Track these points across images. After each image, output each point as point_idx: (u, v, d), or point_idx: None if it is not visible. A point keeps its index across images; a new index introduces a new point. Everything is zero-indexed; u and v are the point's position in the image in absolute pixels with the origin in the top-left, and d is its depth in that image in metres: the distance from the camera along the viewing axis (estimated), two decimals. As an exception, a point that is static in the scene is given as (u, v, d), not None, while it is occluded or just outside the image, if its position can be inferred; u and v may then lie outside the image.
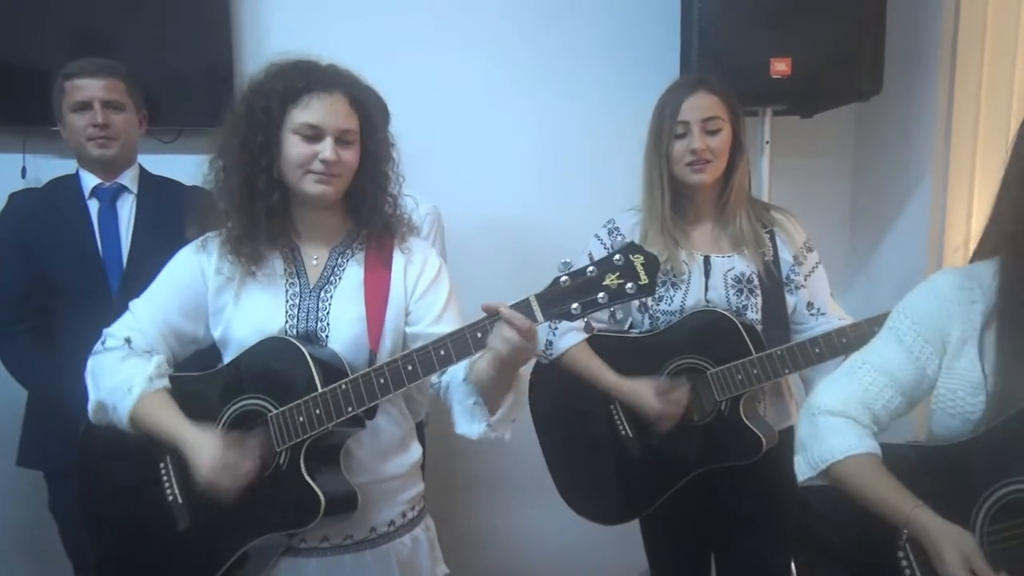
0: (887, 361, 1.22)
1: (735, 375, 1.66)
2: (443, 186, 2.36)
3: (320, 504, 1.26)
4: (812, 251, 1.81)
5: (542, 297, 1.19)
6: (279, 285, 1.40)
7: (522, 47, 2.57)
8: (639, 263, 1.14)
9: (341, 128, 1.34)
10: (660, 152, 1.75)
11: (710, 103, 1.73)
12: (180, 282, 1.44)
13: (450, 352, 1.24)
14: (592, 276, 1.15)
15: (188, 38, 2.34)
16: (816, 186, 2.62)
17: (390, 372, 1.27)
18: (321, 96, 1.33)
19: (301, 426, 1.29)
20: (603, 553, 2.54)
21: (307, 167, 1.34)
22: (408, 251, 1.45)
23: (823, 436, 1.22)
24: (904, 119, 2.41)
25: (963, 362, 1.16)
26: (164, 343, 1.44)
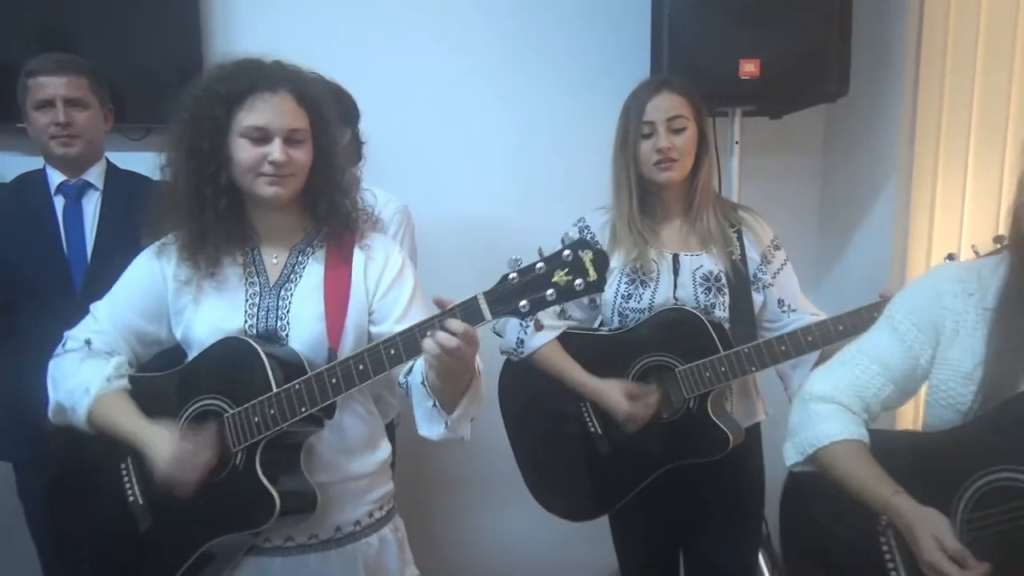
0: (881, 350, 1.24)
1: (703, 372, 1.68)
2: (414, 184, 2.36)
3: (275, 504, 1.25)
4: (779, 249, 1.84)
5: (490, 295, 1.17)
6: (239, 285, 1.39)
7: (494, 46, 2.57)
8: (588, 259, 1.13)
9: (289, 128, 1.32)
10: (627, 152, 1.77)
11: (674, 103, 1.75)
12: (140, 284, 1.43)
13: (400, 351, 1.23)
14: (541, 273, 1.14)
15: (157, 34, 2.31)
16: (786, 186, 2.65)
17: (341, 372, 1.26)
18: (266, 96, 1.31)
19: (256, 426, 1.28)
20: (574, 552, 2.55)
21: (257, 170, 1.32)
22: (369, 248, 1.44)
23: (813, 422, 1.23)
24: (871, 121, 2.44)
25: (956, 352, 1.18)
26: (125, 344, 1.43)
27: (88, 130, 1.95)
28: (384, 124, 2.34)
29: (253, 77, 1.32)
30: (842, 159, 2.62)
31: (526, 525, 2.52)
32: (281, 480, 1.29)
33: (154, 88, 2.27)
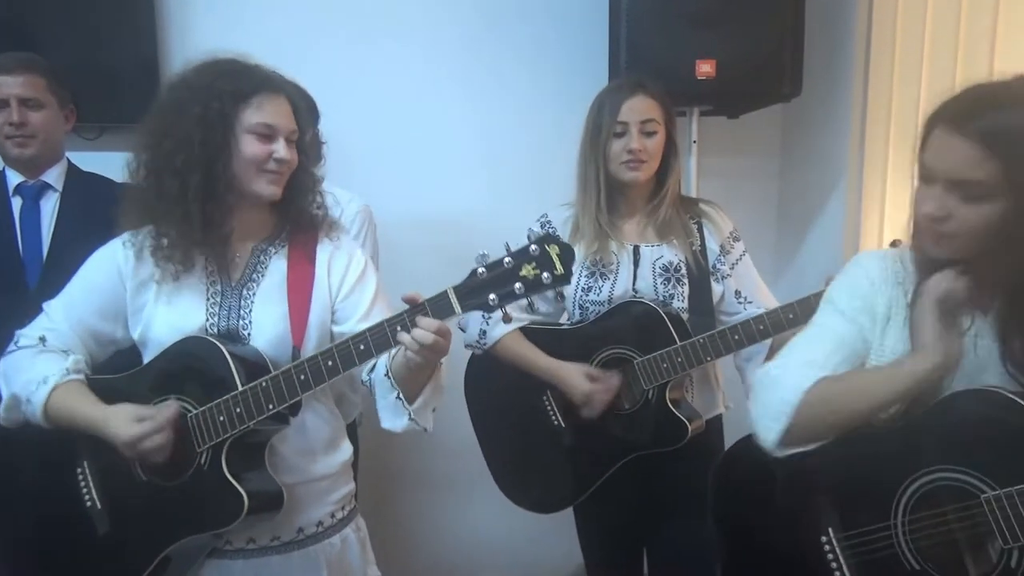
0: (829, 332, 1.25)
1: (660, 363, 1.71)
2: (378, 183, 2.37)
3: (243, 503, 1.25)
4: (738, 241, 1.88)
5: (460, 289, 1.20)
6: (200, 283, 1.39)
7: (457, 44, 2.59)
8: (555, 253, 1.15)
9: (291, 129, 1.37)
10: (597, 150, 1.80)
11: (648, 106, 1.78)
12: (96, 282, 1.41)
13: (370, 346, 1.24)
14: (509, 267, 1.16)
15: (112, 34, 2.29)
16: (744, 185, 2.70)
17: (310, 368, 1.26)
18: (271, 97, 1.35)
19: (222, 425, 1.28)
20: (540, 547, 2.57)
21: (262, 166, 1.34)
22: (332, 248, 1.45)
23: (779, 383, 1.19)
24: (825, 120, 2.51)
25: (889, 340, 1.20)
26: (81, 344, 1.41)
27: (44, 131, 1.91)
28: (347, 122, 2.35)
29: (257, 77, 1.35)
30: (798, 158, 2.69)
31: (491, 521, 2.53)
32: (247, 479, 1.29)
33: (109, 88, 2.25)
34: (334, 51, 2.50)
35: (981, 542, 1.06)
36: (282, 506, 1.32)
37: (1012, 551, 1.02)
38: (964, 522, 1.06)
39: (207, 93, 1.31)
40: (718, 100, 2.35)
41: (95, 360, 1.44)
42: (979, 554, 1.07)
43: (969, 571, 1.07)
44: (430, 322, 1.20)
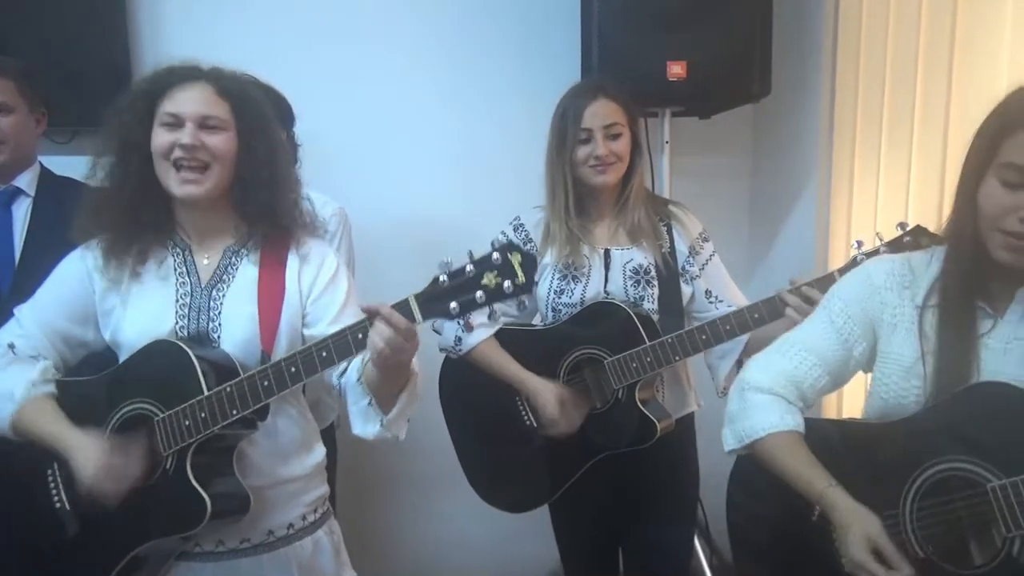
0: (817, 341, 1.27)
1: (630, 363, 1.73)
2: (354, 187, 2.37)
3: (206, 507, 1.25)
4: (708, 241, 1.90)
5: (421, 297, 1.20)
6: (169, 285, 1.39)
7: (431, 47, 2.60)
8: (516, 262, 1.15)
9: (202, 114, 1.33)
10: (564, 156, 1.81)
11: (610, 110, 1.80)
12: (66, 286, 1.41)
13: (332, 353, 1.24)
14: (470, 276, 1.16)
15: (83, 36, 2.28)
16: (716, 185, 2.73)
17: (274, 374, 1.27)
18: (184, 86, 1.34)
19: (187, 430, 1.28)
20: (518, 547, 2.58)
21: (170, 156, 1.32)
22: (304, 251, 1.44)
23: (750, 412, 1.26)
24: (794, 120, 2.54)
25: (895, 346, 1.22)
26: (52, 348, 1.41)
27: (14, 135, 1.89)
28: (322, 125, 2.35)
29: (174, 72, 1.36)
30: (769, 158, 2.72)
31: (468, 523, 2.55)
32: (213, 483, 1.29)
33: (81, 91, 2.23)
34: (308, 54, 2.50)
35: (986, 530, 1.08)
36: (248, 510, 1.32)
37: (1015, 539, 1.05)
38: (970, 510, 1.08)
39: (131, 98, 1.35)
40: (689, 101, 2.37)
41: (67, 363, 1.44)
42: (983, 542, 1.09)
43: (974, 558, 1.09)
44: (400, 320, 1.18)
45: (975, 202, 1.12)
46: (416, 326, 1.20)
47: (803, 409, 1.28)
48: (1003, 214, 1.08)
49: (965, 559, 1.10)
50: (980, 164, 1.11)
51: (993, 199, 1.09)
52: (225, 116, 1.36)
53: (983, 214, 1.11)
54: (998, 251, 1.10)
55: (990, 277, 1.16)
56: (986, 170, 1.10)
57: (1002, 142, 1.08)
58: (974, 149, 1.14)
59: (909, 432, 1.16)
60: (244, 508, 1.32)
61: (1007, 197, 1.07)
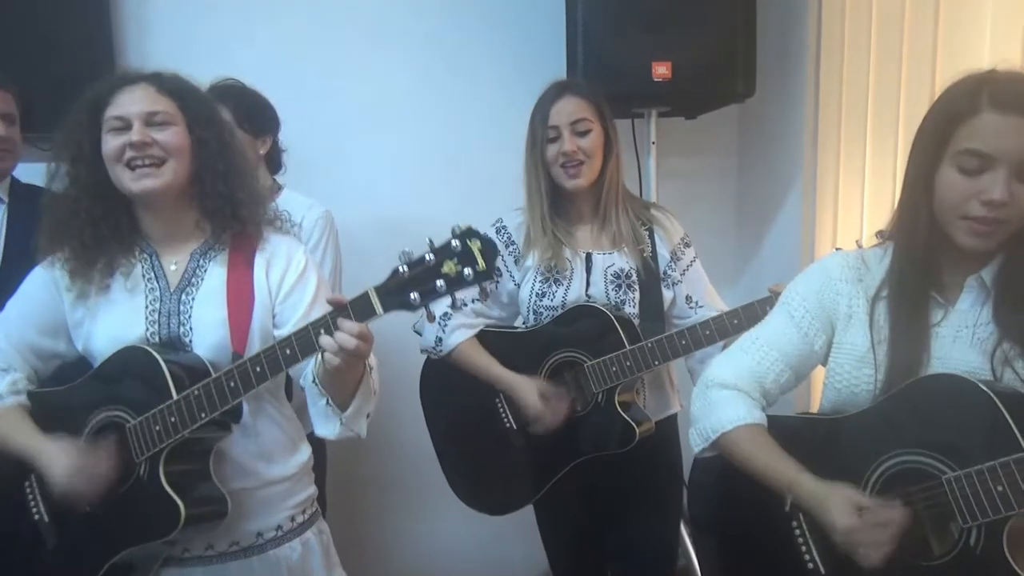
0: (778, 336, 1.29)
1: (610, 367, 1.73)
2: (338, 188, 2.38)
3: (179, 513, 1.25)
4: (689, 247, 1.89)
5: (381, 289, 1.17)
6: (138, 292, 1.39)
7: (416, 48, 2.60)
8: (476, 248, 1.12)
9: (146, 111, 1.33)
10: (536, 158, 1.81)
11: (577, 106, 1.79)
12: (35, 299, 1.41)
13: (295, 351, 1.23)
14: (430, 265, 1.13)
15: (68, 42, 2.27)
16: (703, 186, 2.74)
17: (239, 374, 1.26)
18: (125, 89, 1.34)
19: (158, 435, 1.27)
20: (506, 550, 2.59)
21: (122, 159, 1.32)
22: (271, 250, 1.43)
23: (714, 408, 1.27)
24: (780, 121, 2.54)
25: (850, 336, 1.23)
26: (22, 360, 1.41)
27: (18, 144, 1.92)
28: (307, 127, 2.35)
29: (114, 79, 1.36)
30: (755, 159, 2.72)
31: (457, 525, 2.55)
32: (189, 488, 1.28)
33: (65, 97, 2.18)
34: (292, 56, 2.50)
35: (943, 521, 1.09)
36: (227, 514, 1.32)
37: (971, 529, 1.05)
38: (926, 503, 1.09)
39: (76, 111, 1.35)
40: (675, 101, 2.38)
41: (40, 375, 1.44)
42: (941, 533, 1.10)
43: (933, 549, 1.10)
44: (351, 325, 1.18)
45: (930, 193, 1.13)
46: (376, 319, 1.18)
47: (766, 406, 1.29)
48: (964, 200, 1.09)
49: (924, 551, 1.11)
50: (933, 155, 1.12)
51: (953, 187, 1.10)
52: (171, 111, 1.35)
53: (943, 204, 1.12)
54: (963, 238, 1.11)
55: (941, 267, 1.18)
56: (940, 161, 1.11)
57: (954, 131, 1.09)
58: (924, 142, 1.15)
59: (863, 426, 1.17)
60: (222, 512, 1.32)
61: (966, 183, 1.09)
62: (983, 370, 1.13)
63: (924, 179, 1.13)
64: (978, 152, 1.07)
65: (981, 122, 1.07)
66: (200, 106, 1.40)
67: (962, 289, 1.17)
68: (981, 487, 1.03)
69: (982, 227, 1.09)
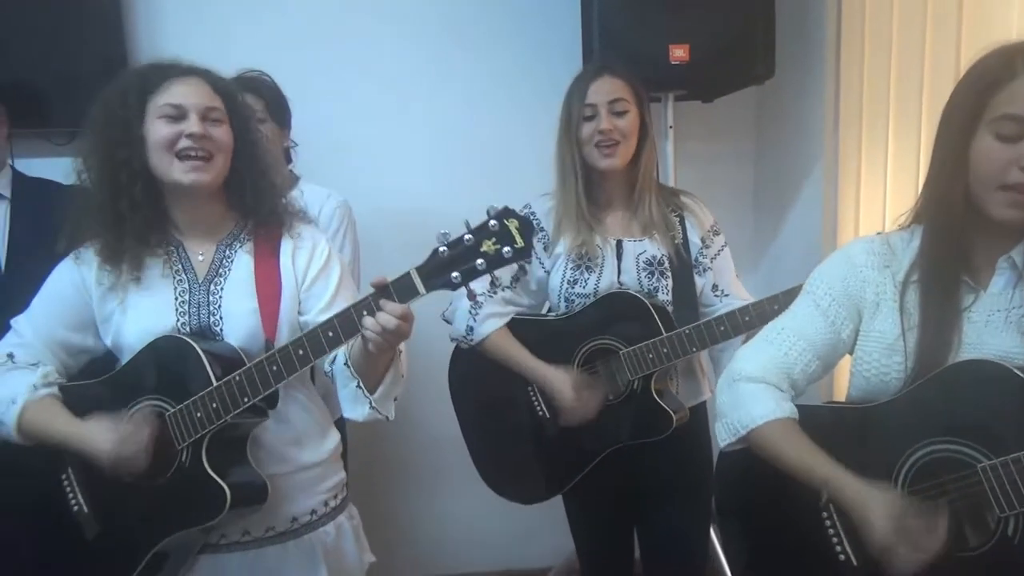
0: (804, 326, 1.25)
1: (646, 354, 1.71)
2: (353, 179, 2.36)
3: (226, 496, 1.26)
4: (719, 234, 1.88)
5: (422, 269, 1.20)
6: (166, 284, 1.38)
7: (428, 35, 2.58)
8: (514, 227, 1.15)
9: (205, 105, 1.34)
10: (571, 137, 1.79)
11: (615, 86, 1.78)
12: (62, 295, 1.41)
13: (338, 332, 1.25)
14: (469, 244, 1.16)
15: (80, 37, 2.26)
16: (720, 170, 2.72)
17: (282, 358, 1.27)
18: (180, 80, 1.35)
19: (199, 421, 1.28)
20: (531, 536, 2.59)
21: (174, 148, 1.32)
22: (296, 239, 1.45)
23: (742, 402, 1.24)
24: (799, 103, 2.52)
25: (878, 324, 1.20)
26: (52, 356, 1.41)
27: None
28: (322, 118, 2.33)
29: (166, 67, 1.36)
30: (773, 143, 2.70)
31: (481, 511, 2.53)
32: (229, 472, 1.30)
33: (78, 91, 2.16)
34: (305, 47, 2.48)
35: (979, 511, 1.07)
36: (267, 498, 1.33)
37: (1008, 519, 1.04)
38: (961, 492, 1.07)
39: (119, 94, 1.34)
40: (692, 84, 2.36)
41: (69, 370, 1.44)
42: (977, 523, 1.08)
43: (968, 540, 1.08)
44: (394, 307, 1.20)
45: (964, 166, 1.09)
46: (419, 299, 1.21)
47: (794, 397, 1.26)
48: (1004, 168, 1.05)
49: (960, 542, 1.09)
50: (967, 126, 1.09)
51: (991, 156, 1.06)
52: (223, 109, 1.38)
53: (981, 175, 1.08)
54: (1001, 210, 1.08)
55: (973, 248, 1.15)
56: (975, 131, 1.08)
57: (990, 98, 1.06)
58: (955, 113, 1.12)
59: (894, 414, 1.15)
60: (262, 496, 1.33)
61: (1006, 150, 1.05)
62: (1020, 352, 1.11)
63: (957, 152, 1.10)
64: (1017, 116, 1.04)
65: (1019, 86, 1.04)
66: (242, 108, 1.44)
67: (993, 271, 1.15)
68: (1019, 475, 1.02)
69: (1022, 196, 1.06)
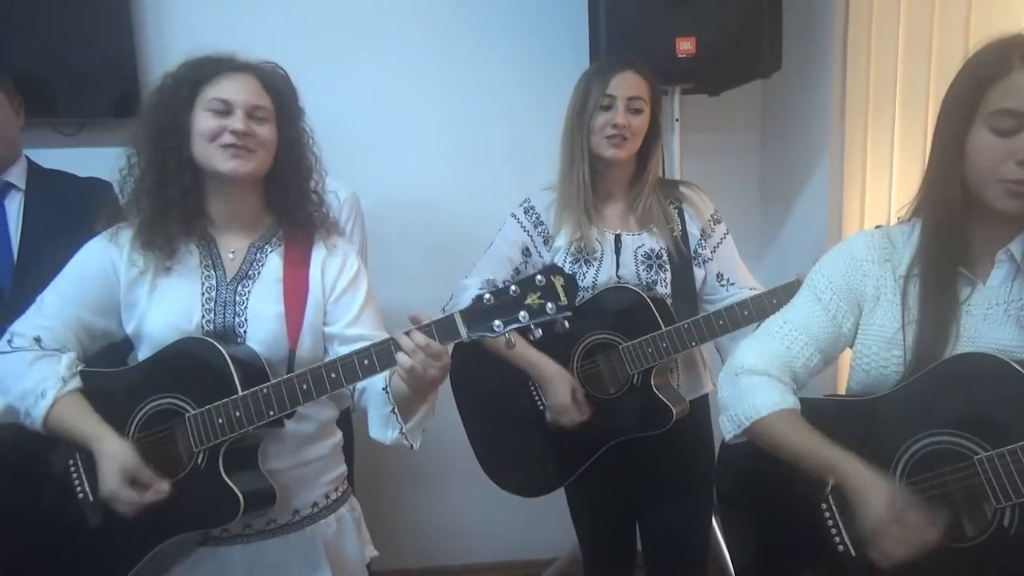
0: (806, 319, 1.26)
1: (645, 348, 1.72)
2: (360, 171, 2.35)
3: (239, 504, 1.27)
4: (720, 223, 1.87)
5: (466, 314, 1.21)
6: (195, 278, 1.39)
7: (432, 29, 2.58)
8: (559, 284, 1.18)
9: (252, 103, 1.35)
10: (583, 123, 1.79)
11: (637, 83, 1.78)
12: (90, 276, 1.41)
13: (374, 362, 1.25)
14: (515, 296, 1.18)
15: (88, 29, 2.27)
16: (726, 162, 2.71)
17: (313, 378, 1.27)
18: (231, 75, 1.36)
19: (220, 428, 1.28)
20: (534, 529, 2.61)
21: (217, 140, 1.33)
22: (329, 249, 1.46)
23: (745, 395, 1.25)
24: (805, 95, 2.51)
25: (878, 318, 1.21)
26: (75, 339, 1.41)
27: (3, 128, 1.87)
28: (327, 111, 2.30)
29: (220, 61, 1.37)
30: (779, 135, 2.69)
31: (485, 503, 2.55)
32: (242, 479, 1.30)
33: (86, 83, 2.24)
34: (313, 41, 2.48)
35: (976, 502, 1.08)
36: (274, 503, 1.34)
37: (1004, 510, 1.05)
38: (959, 483, 1.08)
39: (173, 82, 1.36)
40: (699, 77, 2.35)
41: (86, 354, 1.44)
42: (974, 514, 1.09)
43: (966, 531, 1.09)
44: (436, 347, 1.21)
45: (962, 159, 1.11)
46: (459, 341, 1.22)
47: (796, 390, 1.27)
48: (999, 162, 1.07)
49: (957, 532, 1.10)
50: (964, 120, 1.10)
51: (987, 150, 1.08)
52: (270, 107, 1.39)
53: (977, 168, 1.09)
54: (1000, 201, 1.09)
55: (971, 240, 1.16)
56: (971, 124, 1.09)
57: (986, 92, 1.07)
58: (953, 107, 1.12)
59: (893, 407, 1.16)
60: (270, 501, 1.34)
61: (1001, 144, 1.07)
62: (1019, 346, 1.11)
63: (955, 146, 1.11)
64: (1012, 111, 1.05)
65: (1014, 81, 1.05)
66: (292, 106, 1.43)
67: (992, 264, 1.15)
68: (1015, 466, 1.03)
69: (1019, 188, 1.07)
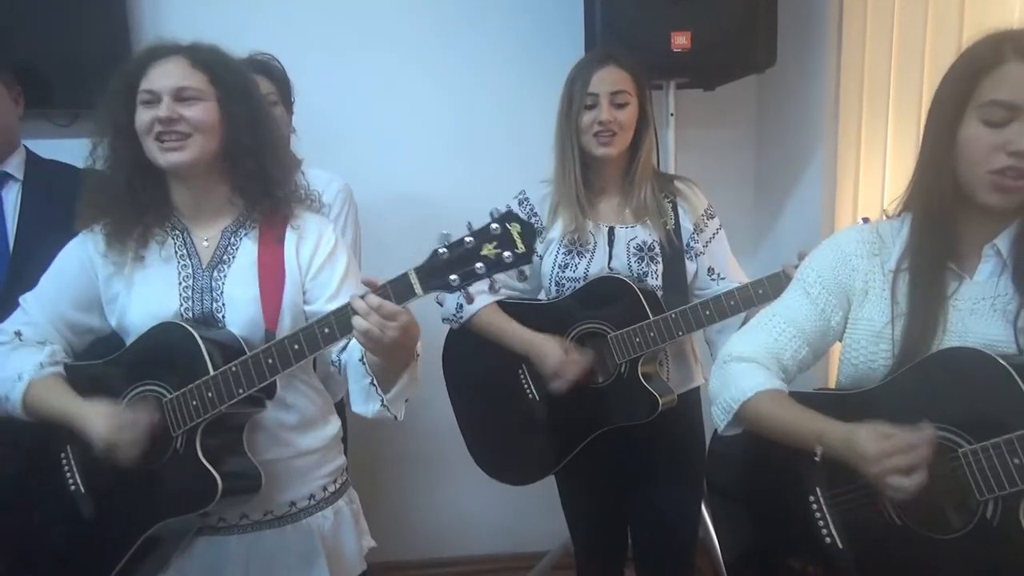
0: (795, 312, 1.27)
1: (633, 338, 1.73)
2: (355, 163, 2.37)
3: (217, 486, 1.27)
4: (713, 218, 1.88)
5: (421, 270, 1.18)
6: (171, 268, 1.40)
7: (429, 22, 2.58)
8: (516, 232, 1.14)
9: (176, 86, 1.33)
10: (570, 122, 1.80)
11: (619, 77, 1.78)
12: (69, 274, 1.43)
13: (334, 329, 1.24)
14: (470, 246, 1.15)
15: (83, 18, 2.27)
16: (721, 157, 2.71)
17: (277, 352, 1.27)
18: (158, 63, 1.35)
19: (195, 409, 1.29)
20: (527, 520, 2.62)
21: (151, 132, 1.33)
22: (301, 227, 1.44)
23: (733, 380, 1.26)
24: (799, 91, 2.51)
25: (866, 312, 1.22)
26: (59, 335, 1.43)
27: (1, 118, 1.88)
28: (322, 103, 2.34)
29: (150, 51, 1.37)
30: (774, 130, 2.69)
31: (477, 496, 2.58)
32: (223, 462, 1.31)
33: (81, 73, 2.22)
34: (303, 32, 2.48)
35: (960, 495, 1.09)
36: (260, 488, 1.34)
37: (987, 502, 1.06)
38: (944, 477, 1.08)
39: (114, 82, 1.36)
40: (694, 72, 2.35)
41: (74, 349, 1.46)
42: (959, 507, 1.10)
43: (952, 523, 1.10)
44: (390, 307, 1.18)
45: (953, 152, 1.11)
46: (416, 299, 1.20)
47: (785, 382, 1.27)
48: (990, 153, 1.07)
49: (942, 525, 1.10)
50: (955, 111, 1.10)
51: (978, 141, 1.08)
52: (201, 86, 1.35)
53: (968, 160, 1.10)
54: (988, 195, 1.10)
55: (959, 237, 1.16)
56: (963, 116, 1.10)
57: (978, 84, 1.08)
58: (945, 98, 1.13)
59: (879, 401, 1.17)
60: (256, 486, 1.34)
61: (993, 136, 1.07)
62: (1005, 341, 1.12)
63: (946, 138, 1.11)
64: (1004, 102, 1.06)
65: (1006, 72, 1.06)
66: (234, 79, 1.38)
67: (979, 259, 1.16)
68: (998, 460, 1.03)
69: (1009, 181, 1.07)
